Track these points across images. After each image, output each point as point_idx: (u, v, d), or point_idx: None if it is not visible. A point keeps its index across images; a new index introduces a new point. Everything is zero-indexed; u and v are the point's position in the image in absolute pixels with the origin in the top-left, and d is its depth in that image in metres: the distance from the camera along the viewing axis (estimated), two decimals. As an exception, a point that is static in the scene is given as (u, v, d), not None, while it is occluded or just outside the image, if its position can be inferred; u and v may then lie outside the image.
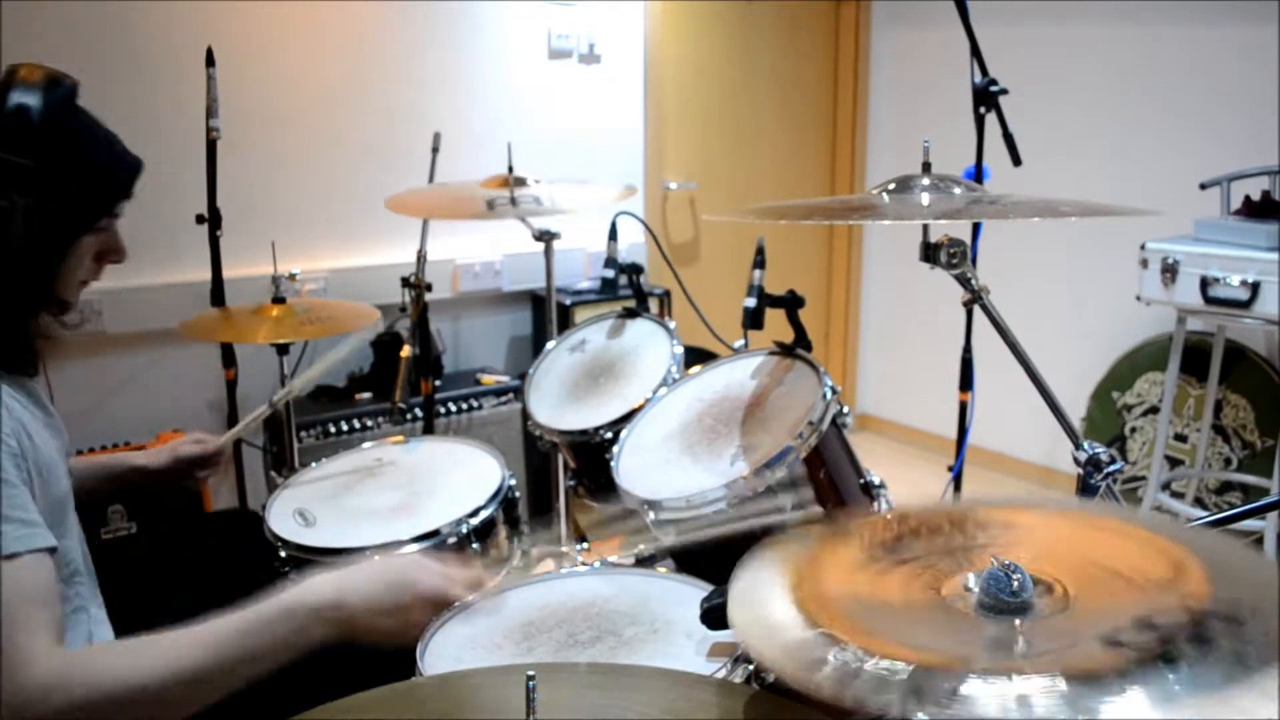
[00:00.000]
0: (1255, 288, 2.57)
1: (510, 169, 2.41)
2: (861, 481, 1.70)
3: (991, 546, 0.94)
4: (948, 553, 0.94)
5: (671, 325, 2.16)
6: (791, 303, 1.81)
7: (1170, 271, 2.73)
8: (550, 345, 2.33)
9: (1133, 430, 3.31)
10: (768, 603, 0.88)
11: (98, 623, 1.29)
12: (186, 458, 1.66)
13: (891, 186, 1.39)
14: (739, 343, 1.95)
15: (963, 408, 2.47)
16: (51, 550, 1.07)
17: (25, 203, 1.09)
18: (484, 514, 1.72)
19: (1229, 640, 0.70)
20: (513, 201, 2.28)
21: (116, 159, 1.21)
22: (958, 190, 1.36)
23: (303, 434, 2.72)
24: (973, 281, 1.34)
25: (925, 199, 1.35)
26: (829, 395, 1.60)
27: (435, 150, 2.67)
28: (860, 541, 0.98)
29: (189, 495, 2.48)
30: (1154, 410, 3.25)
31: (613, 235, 2.42)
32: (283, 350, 2.34)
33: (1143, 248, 2.80)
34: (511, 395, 3.05)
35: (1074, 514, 0.99)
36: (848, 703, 0.71)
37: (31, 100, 1.11)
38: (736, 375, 1.82)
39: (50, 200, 1.12)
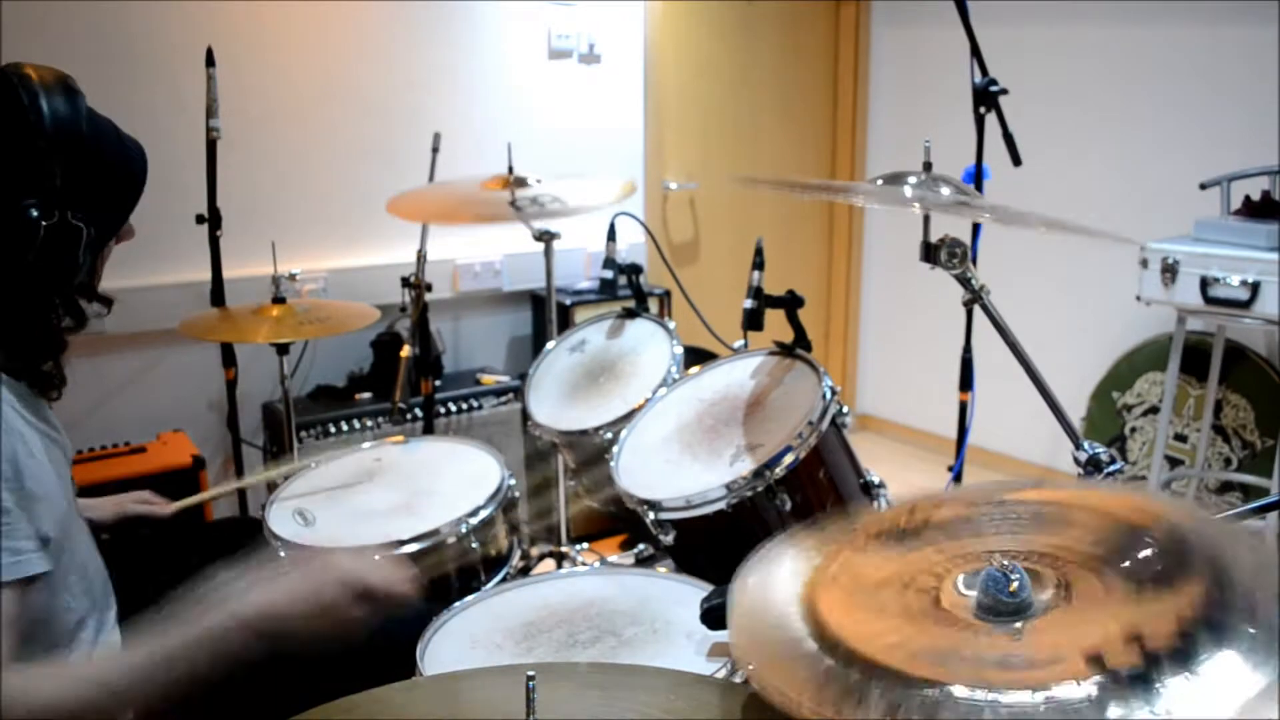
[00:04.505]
0: (1255, 288, 2.57)
1: (510, 169, 2.41)
2: (861, 481, 1.70)
3: (992, 538, 0.94)
4: (949, 548, 0.94)
5: (671, 325, 2.16)
6: (791, 303, 1.81)
7: (1170, 271, 2.73)
8: (550, 345, 2.33)
9: (1133, 430, 3.31)
10: (766, 607, 0.88)
11: (106, 629, 1.29)
12: (130, 516, 1.66)
13: (879, 181, 1.39)
14: (739, 343, 1.95)
15: (963, 408, 2.47)
16: (31, 579, 1.07)
17: (89, 227, 1.12)
18: (483, 514, 1.72)
19: (1217, 659, 0.69)
20: (514, 204, 2.28)
21: (130, 150, 1.23)
22: (945, 190, 1.36)
23: (303, 434, 2.72)
24: (973, 281, 1.35)
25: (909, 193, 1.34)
26: (829, 395, 1.60)
27: (435, 150, 2.67)
28: (860, 539, 0.98)
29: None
30: (1154, 410, 3.25)
31: (611, 236, 2.42)
32: (283, 350, 2.34)
33: (1143, 248, 2.80)
34: (511, 395, 3.05)
35: (1081, 493, 0.99)
36: (832, 714, 0.71)
37: (63, 108, 1.12)
38: (736, 375, 1.82)
39: (97, 209, 1.15)
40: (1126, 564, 0.86)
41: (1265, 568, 0.77)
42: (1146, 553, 0.84)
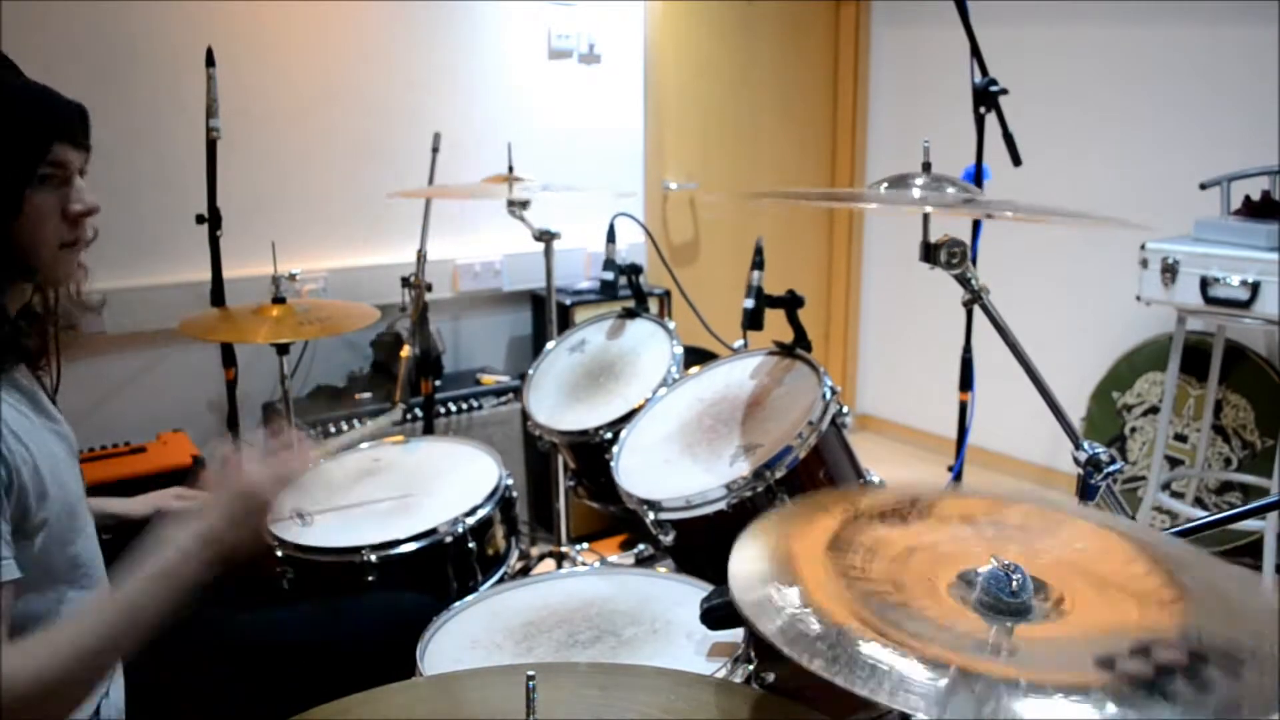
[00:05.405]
0: (1255, 288, 2.57)
1: (510, 169, 2.41)
2: (861, 481, 1.70)
3: (996, 542, 0.94)
4: (955, 542, 0.94)
5: (671, 325, 2.16)
6: (791, 303, 1.81)
7: (1170, 271, 2.73)
8: (550, 345, 2.33)
9: (1133, 430, 3.31)
10: (769, 583, 0.88)
11: None
12: (168, 513, 1.65)
13: (887, 185, 1.39)
14: (738, 343, 1.95)
15: (963, 408, 2.47)
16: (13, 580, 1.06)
17: None
18: (481, 513, 1.72)
19: (1224, 683, 0.69)
20: (515, 203, 2.28)
21: (42, 105, 1.16)
22: (951, 190, 1.36)
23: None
24: (973, 281, 1.34)
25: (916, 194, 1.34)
26: (829, 395, 1.60)
27: (435, 150, 2.67)
28: (868, 521, 0.98)
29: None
30: (1154, 410, 3.24)
31: (611, 238, 2.42)
32: (283, 350, 2.34)
33: (1143, 248, 2.80)
34: (511, 395, 3.05)
35: (1080, 521, 0.99)
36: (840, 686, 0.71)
37: None
38: (736, 375, 1.82)
39: None
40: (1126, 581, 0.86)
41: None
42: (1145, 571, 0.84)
